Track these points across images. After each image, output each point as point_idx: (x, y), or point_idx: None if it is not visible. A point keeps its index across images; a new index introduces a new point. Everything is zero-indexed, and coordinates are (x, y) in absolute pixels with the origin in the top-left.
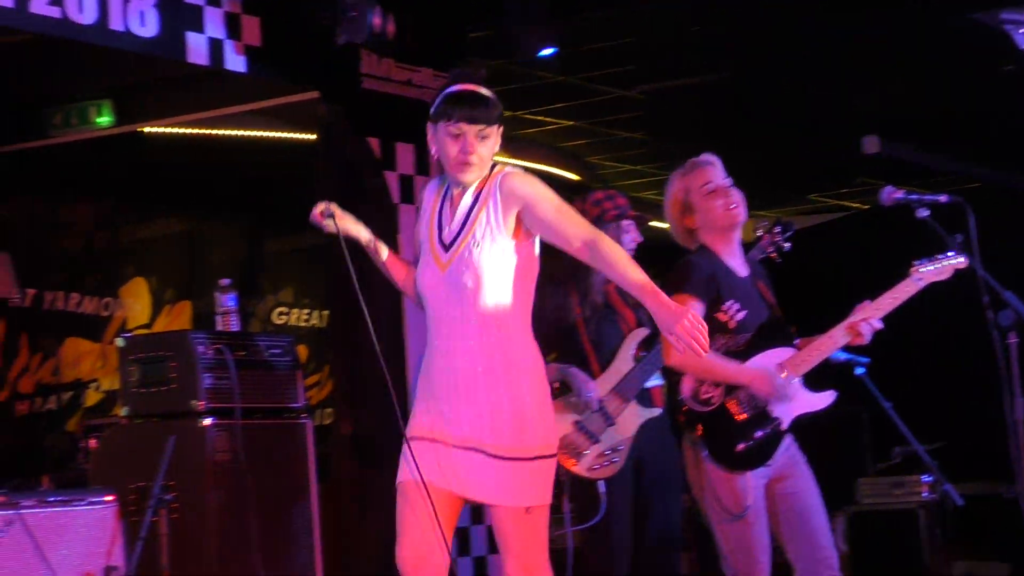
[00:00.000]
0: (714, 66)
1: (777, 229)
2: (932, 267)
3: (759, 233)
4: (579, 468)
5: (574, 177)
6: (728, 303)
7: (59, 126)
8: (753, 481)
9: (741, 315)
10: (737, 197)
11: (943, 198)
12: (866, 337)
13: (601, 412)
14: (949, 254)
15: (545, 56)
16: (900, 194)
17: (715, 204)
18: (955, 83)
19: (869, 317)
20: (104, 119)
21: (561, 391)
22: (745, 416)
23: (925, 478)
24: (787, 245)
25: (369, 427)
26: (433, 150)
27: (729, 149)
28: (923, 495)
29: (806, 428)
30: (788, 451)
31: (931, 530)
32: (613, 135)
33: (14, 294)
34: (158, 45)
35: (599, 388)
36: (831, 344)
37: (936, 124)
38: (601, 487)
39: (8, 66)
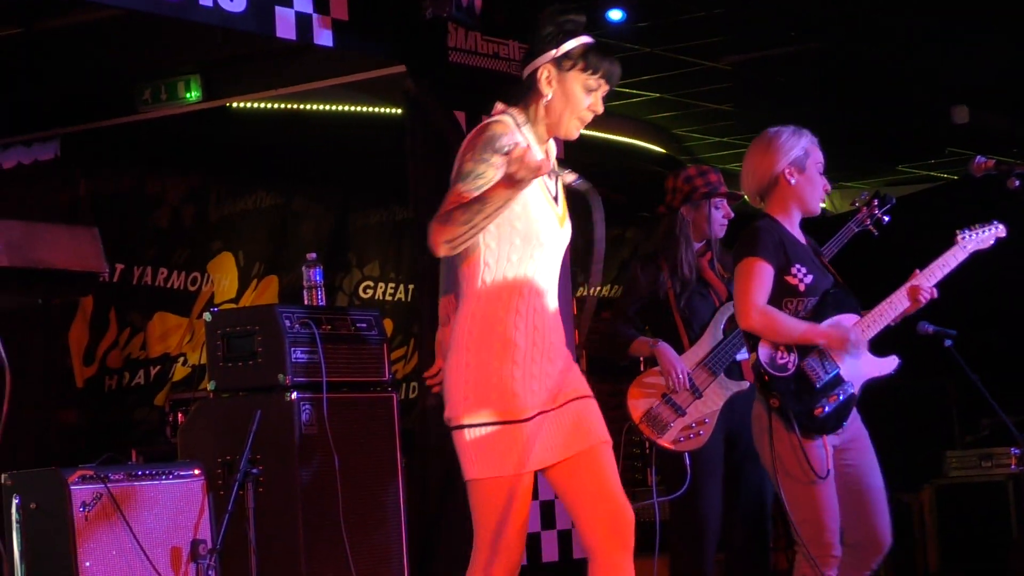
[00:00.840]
0: (801, 37)
1: (876, 202)
2: (974, 236)
3: (856, 205)
4: (664, 440)
5: (660, 150)
6: (796, 267)
7: (148, 102)
8: (829, 447)
9: (809, 279)
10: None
11: None
12: (923, 301)
13: (689, 385)
14: (991, 224)
15: (616, 21)
16: (991, 164)
17: (820, 186)
18: None
19: (922, 283)
20: (193, 94)
21: (648, 365)
22: (821, 381)
23: (1014, 450)
24: (886, 218)
25: None
26: (548, 92)
27: (817, 120)
28: (1012, 467)
29: (895, 401)
30: (856, 422)
31: (1019, 502)
32: (700, 107)
33: (103, 269)
34: (246, 20)
35: (687, 362)
36: (892, 309)
37: None
38: (687, 459)
39: (97, 42)
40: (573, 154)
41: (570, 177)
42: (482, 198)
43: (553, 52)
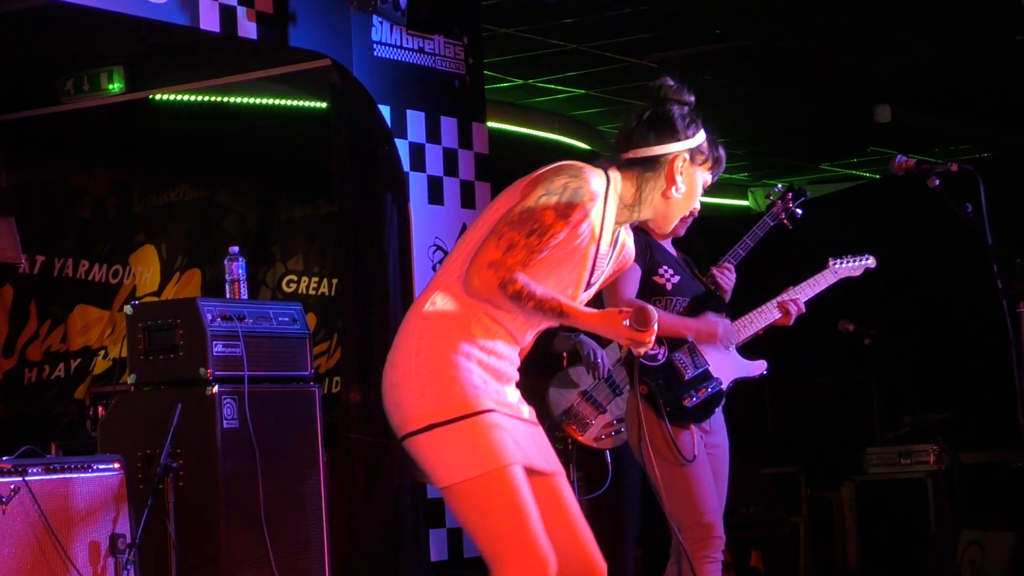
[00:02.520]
0: (726, 35)
1: (789, 196)
2: (845, 264)
3: (771, 199)
4: (586, 438)
5: (585, 146)
6: (663, 268)
7: (71, 93)
8: (696, 434)
9: (676, 279)
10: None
11: (954, 167)
12: (792, 317)
13: (608, 382)
14: (863, 256)
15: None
16: (912, 163)
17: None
18: (967, 52)
19: (796, 299)
20: (115, 86)
21: (571, 361)
22: (690, 374)
23: (933, 447)
24: (799, 211)
25: (377, 396)
26: (682, 185)
27: (740, 118)
28: (931, 464)
29: (816, 397)
30: (719, 418)
31: (939, 500)
32: (625, 103)
33: (19, 259)
34: (170, 11)
35: (608, 358)
36: (762, 319)
37: (948, 92)
38: (608, 457)
39: (20, 33)
40: (497, 150)
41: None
42: (562, 315)
43: (688, 142)
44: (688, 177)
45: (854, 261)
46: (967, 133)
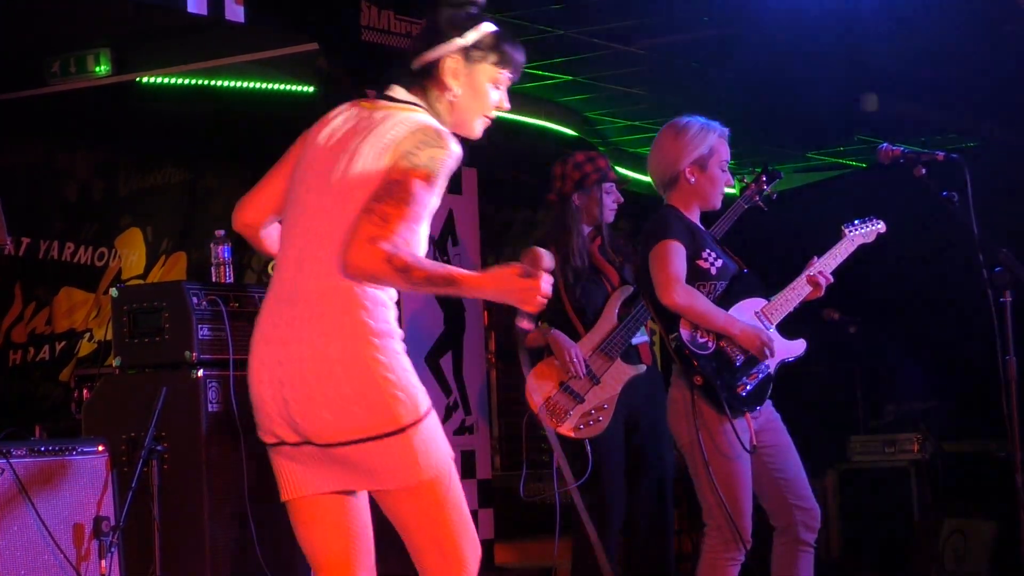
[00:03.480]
0: (714, 22)
1: (763, 178)
2: (860, 231)
3: (744, 181)
4: (564, 428)
5: (572, 133)
6: (706, 251)
7: (57, 75)
8: (752, 424)
9: (719, 263)
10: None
11: (940, 156)
12: (822, 288)
13: (586, 372)
14: (871, 219)
15: None
16: (898, 152)
17: (721, 183)
18: (955, 41)
19: (822, 270)
20: (102, 68)
21: (547, 352)
22: (739, 360)
23: (916, 436)
24: (775, 195)
25: None
26: (456, 88)
27: (728, 106)
28: (914, 453)
29: (800, 385)
30: (768, 405)
31: (921, 488)
32: (612, 90)
33: (4, 241)
34: None
35: (582, 348)
36: (796, 295)
37: (935, 82)
38: (587, 446)
39: (7, 14)
40: (484, 135)
41: None
42: (453, 283)
43: (460, 40)
44: (468, 78)
45: (865, 226)
46: (954, 122)
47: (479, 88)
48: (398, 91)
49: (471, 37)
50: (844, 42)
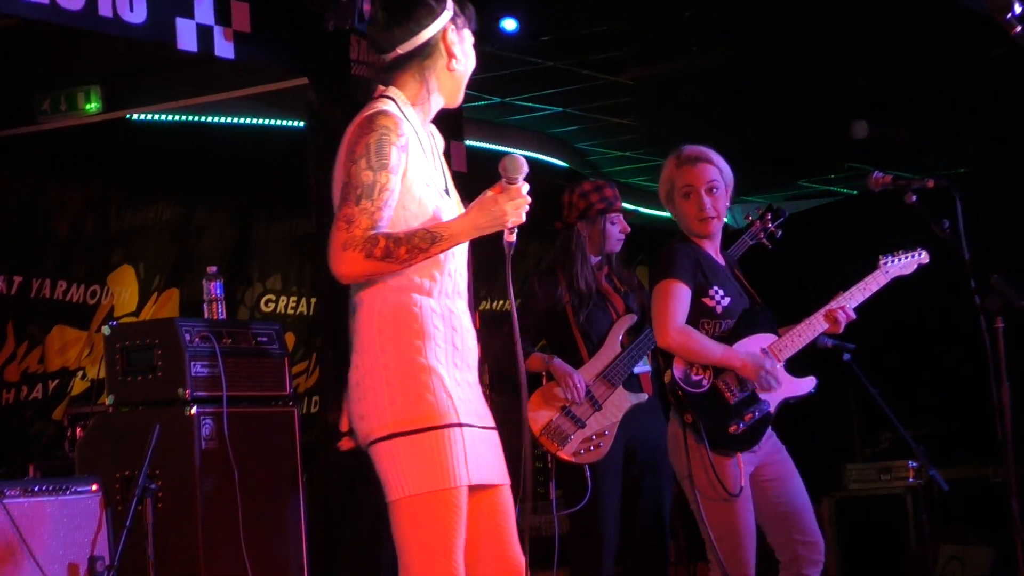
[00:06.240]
0: (703, 51)
1: (768, 216)
2: (897, 261)
3: (749, 219)
4: (564, 453)
5: (563, 164)
6: (714, 289)
7: (47, 112)
8: (744, 464)
9: (726, 301)
10: (714, 206)
11: (931, 183)
12: (841, 325)
13: (588, 397)
14: (915, 250)
15: (510, 32)
16: (888, 179)
17: (689, 211)
18: (943, 67)
19: (844, 306)
20: (93, 105)
21: (549, 377)
22: (736, 398)
23: (912, 463)
24: (779, 232)
25: None
26: (460, 55)
27: (717, 134)
28: (910, 480)
29: (794, 414)
30: (771, 438)
31: (918, 515)
32: (603, 121)
33: None
34: (147, 31)
35: (586, 374)
36: (810, 331)
37: (925, 108)
38: (587, 472)
39: None
40: (477, 169)
41: None
42: (436, 237)
43: (448, 12)
44: (461, 44)
45: (906, 257)
46: (944, 149)
47: (468, 52)
48: (378, 90)
49: (450, 6)
50: (834, 68)
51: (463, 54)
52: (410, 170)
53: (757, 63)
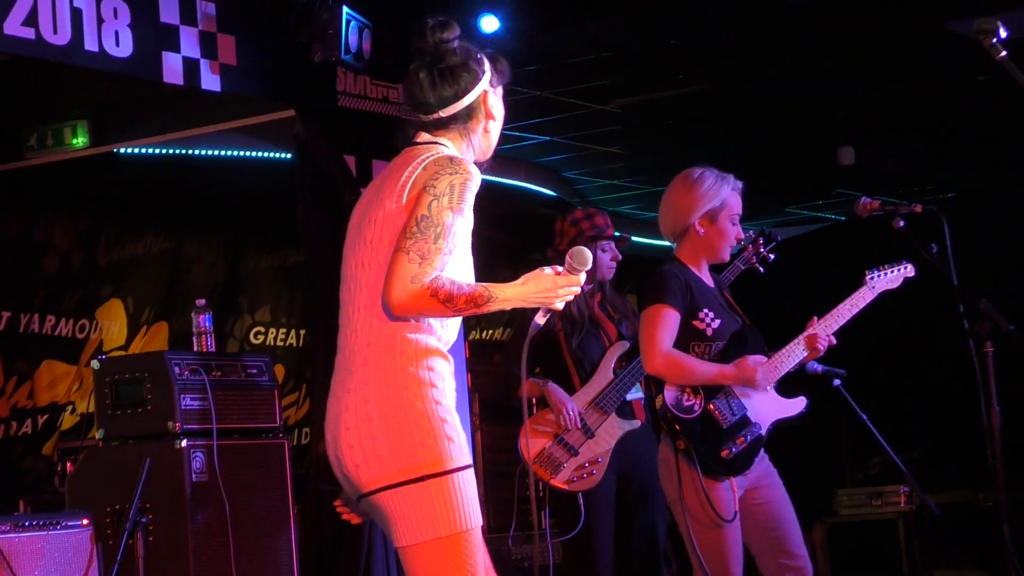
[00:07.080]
0: (690, 80)
1: (761, 240)
2: (883, 276)
3: (742, 243)
4: (558, 481)
5: (551, 193)
6: (704, 311)
7: (34, 148)
8: (736, 489)
9: (716, 323)
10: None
11: (918, 208)
12: (820, 351)
13: (581, 425)
14: (900, 263)
15: (490, 34)
16: (876, 204)
17: (731, 236)
18: (930, 93)
19: (820, 332)
20: (79, 140)
21: (540, 405)
22: (728, 423)
23: (903, 488)
24: (771, 256)
25: None
26: (497, 116)
27: (705, 162)
28: (901, 505)
29: (784, 440)
30: (763, 461)
31: (909, 540)
32: (590, 149)
33: None
34: (133, 65)
35: (578, 401)
36: (790, 358)
37: (911, 134)
38: (580, 499)
39: None
40: None
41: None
42: (491, 298)
43: (486, 74)
44: (497, 103)
45: (892, 271)
46: (931, 174)
47: (501, 110)
48: (423, 136)
49: (486, 67)
50: (821, 95)
51: (500, 114)
52: (467, 229)
53: (744, 91)
